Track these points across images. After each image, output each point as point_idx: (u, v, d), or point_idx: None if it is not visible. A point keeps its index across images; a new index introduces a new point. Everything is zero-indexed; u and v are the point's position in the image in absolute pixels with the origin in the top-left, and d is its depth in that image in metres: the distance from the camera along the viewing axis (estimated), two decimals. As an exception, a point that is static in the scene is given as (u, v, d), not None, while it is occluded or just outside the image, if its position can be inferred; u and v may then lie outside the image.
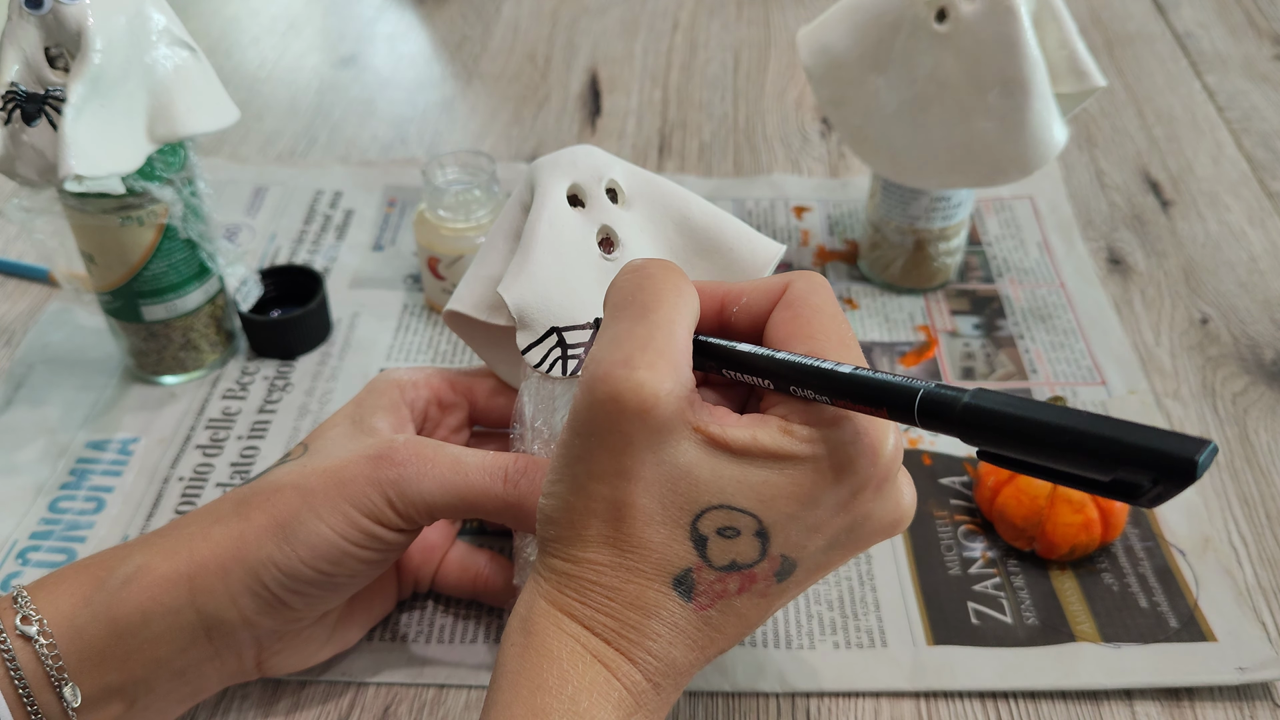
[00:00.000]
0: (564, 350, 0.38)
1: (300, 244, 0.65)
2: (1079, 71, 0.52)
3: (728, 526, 0.31)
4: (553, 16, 0.89)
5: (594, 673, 0.30)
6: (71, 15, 0.44)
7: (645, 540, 0.31)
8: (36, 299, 0.61)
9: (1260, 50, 0.82)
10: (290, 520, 0.36)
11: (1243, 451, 0.51)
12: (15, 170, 0.45)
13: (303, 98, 0.79)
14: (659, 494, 0.30)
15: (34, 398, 0.55)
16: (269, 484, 0.38)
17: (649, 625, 0.31)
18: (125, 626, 0.35)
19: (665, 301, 0.32)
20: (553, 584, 0.32)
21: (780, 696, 0.42)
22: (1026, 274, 0.62)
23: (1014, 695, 0.42)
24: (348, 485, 0.36)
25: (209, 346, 0.56)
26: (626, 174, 0.41)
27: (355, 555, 0.37)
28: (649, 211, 0.41)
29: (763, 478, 0.30)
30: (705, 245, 0.41)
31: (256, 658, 0.39)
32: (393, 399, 0.41)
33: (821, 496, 0.31)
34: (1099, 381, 0.55)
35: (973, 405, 0.27)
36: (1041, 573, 0.46)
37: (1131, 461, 0.24)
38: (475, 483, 0.37)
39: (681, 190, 0.41)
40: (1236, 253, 0.63)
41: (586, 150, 0.41)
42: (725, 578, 0.31)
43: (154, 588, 0.36)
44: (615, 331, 0.31)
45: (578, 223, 0.40)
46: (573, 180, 0.40)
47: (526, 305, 0.38)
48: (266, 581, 0.36)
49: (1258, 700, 0.41)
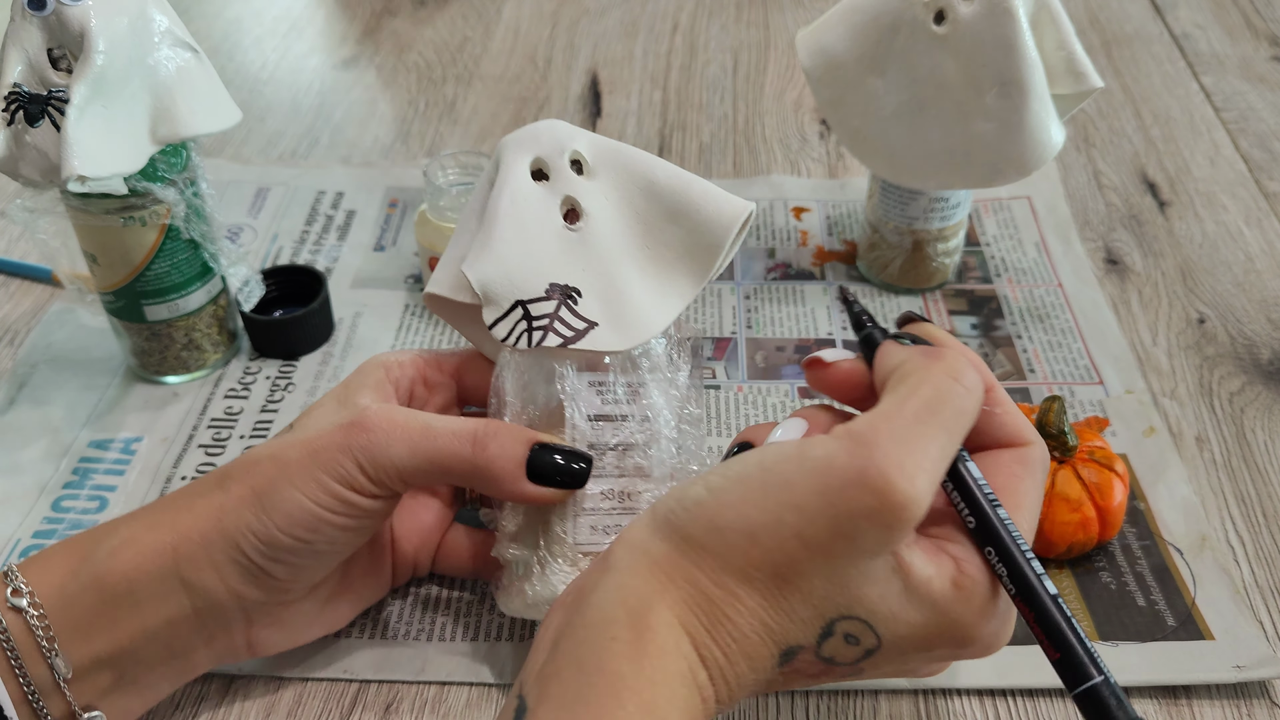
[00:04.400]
0: (529, 323, 0.39)
1: (302, 244, 0.65)
2: (1076, 73, 0.52)
3: (854, 635, 0.31)
4: (553, 18, 0.89)
5: (694, 707, 0.31)
6: (74, 17, 0.44)
7: (791, 611, 0.31)
8: (39, 299, 0.62)
9: (1257, 51, 0.82)
10: (267, 490, 0.37)
11: (1239, 450, 0.51)
12: (18, 171, 0.45)
13: (304, 99, 0.80)
14: (832, 583, 0.31)
15: (37, 397, 0.55)
16: (249, 458, 0.38)
17: (744, 672, 0.31)
18: (112, 595, 0.36)
19: (962, 433, 0.32)
20: (684, 596, 0.31)
21: (780, 694, 0.42)
22: (1024, 274, 0.62)
23: (1012, 693, 0.42)
24: (321, 454, 0.37)
25: (211, 346, 0.56)
26: (590, 144, 0.41)
27: (331, 522, 0.37)
28: (614, 179, 0.41)
29: (910, 616, 0.31)
30: (673, 209, 0.41)
31: (246, 633, 0.39)
32: (378, 378, 0.41)
33: (939, 649, 0.32)
34: (1096, 381, 0.55)
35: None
36: (1039, 571, 0.46)
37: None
38: (444, 446, 0.37)
39: (646, 156, 0.41)
40: (1233, 253, 0.63)
41: (549, 125, 0.41)
42: (817, 664, 0.32)
43: (139, 557, 0.36)
44: (915, 431, 0.30)
45: (540, 196, 0.40)
46: (535, 154, 0.40)
47: (489, 281, 0.39)
48: (246, 550, 0.37)
49: (1255, 699, 0.41)
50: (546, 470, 0.38)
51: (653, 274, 0.41)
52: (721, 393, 0.54)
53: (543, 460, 0.38)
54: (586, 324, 0.39)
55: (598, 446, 0.40)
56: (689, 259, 0.41)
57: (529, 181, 0.40)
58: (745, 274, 0.63)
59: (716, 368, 0.56)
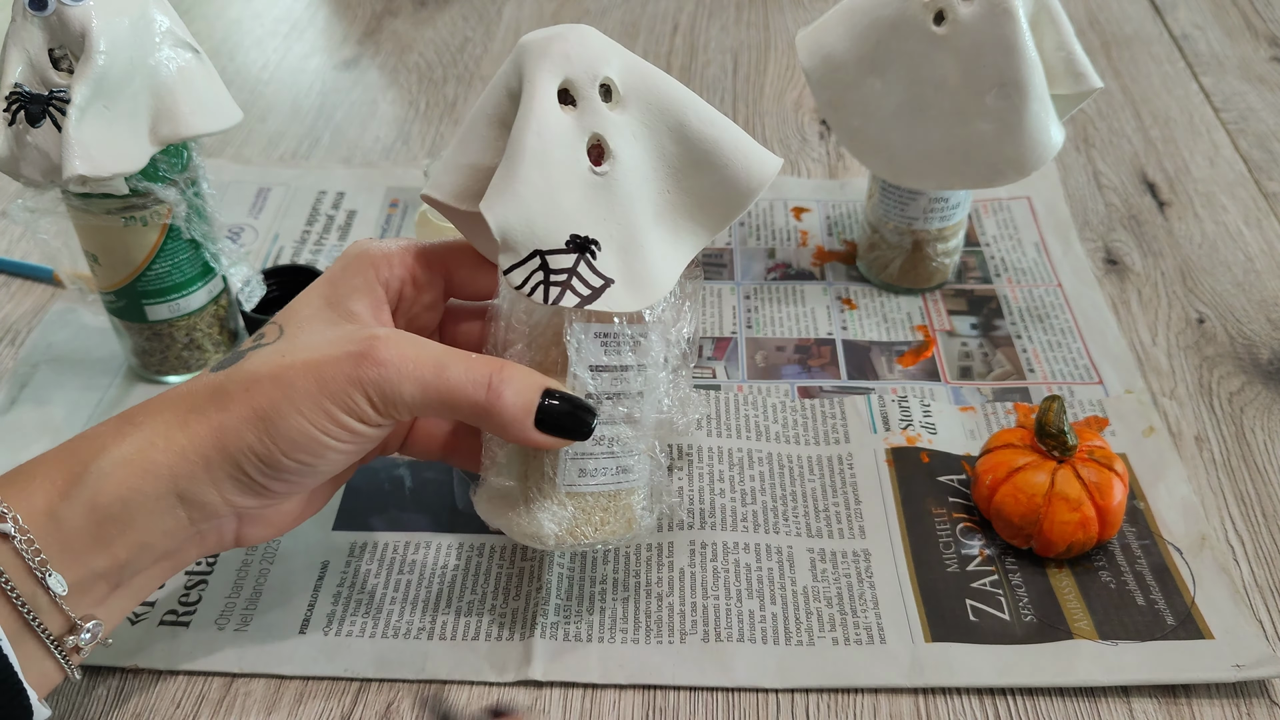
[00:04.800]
0: (546, 275, 0.37)
1: (303, 244, 0.65)
2: (1076, 73, 0.52)
3: None
4: (553, 19, 0.89)
5: None
6: (75, 17, 0.44)
7: None
8: (41, 299, 0.62)
9: (1257, 51, 0.82)
10: (270, 412, 0.36)
11: (1239, 450, 0.51)
12: (20, 171, 0.46)
13: (305, 99, 0.80)
14: None
15: (38, 397, 0.55)
16: (246, 374, 0.37)
17: None
18: (107, 515, 0.36)
19: None
20: None
21: (779, 693, 0.42)
22: (1024, 274, 0.62)
23: (1011, 692, 0.42)
24: (329, 383, 0.36)
25: (212, 346, 0.56)
26: (623, 68, 0.38)
27: (335, 449, 0.37)
28: (644, 116, 0.39)
29: None
30: (701, 157, 0.39)
31: (236, 531, 0.40)
32: (368, 279, 0.41)
33: None
34: (1096, 381, 0.55)
35: None
36: (1039, 570, 0.46)
37: None
38: (457, 389, 0.37)
39: (681, 91, 0.39)
40: (1233, 253, 0.63)
41: (580, 35, 0.38)
42: None
43: (134, 478, 0.36)
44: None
45: (567, 129, 0.38)
46: (565, 75, 0.38)
47: (510, 227, 0.37)
48: (248, 470, 0.37)
49: (1254, 698, 0.41)
50: (555, 421, 0.38)
51: (668, 222, 0.39)
52: (721, 393, 0.54)
53: (553, 410, 0.38)
54: (603, 281, 0.38)
55: (595, 395, 0.39)
56: (708, 209, 0.40)
57: (556, 110, 0.37)
58: (745, 274, 0.63)
59: (716, 367, 0.56)
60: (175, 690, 0.42)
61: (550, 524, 0.40)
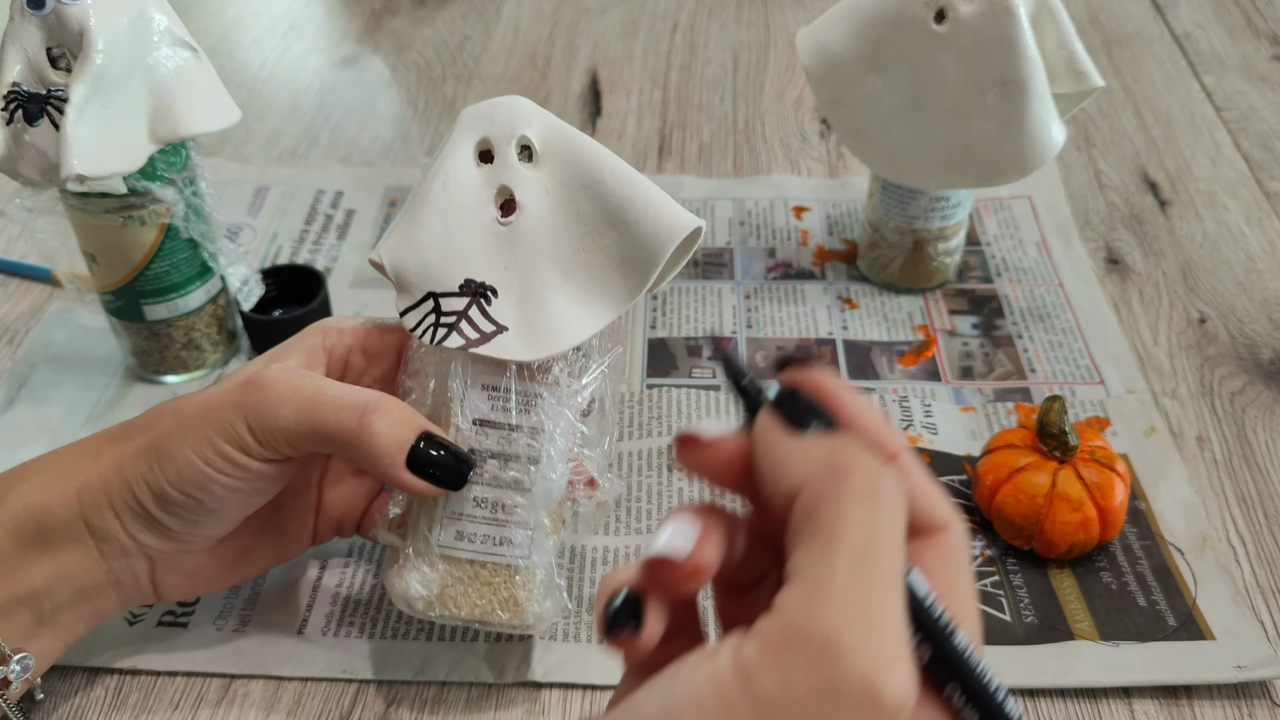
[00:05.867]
0: (438, 317, 0.38)
1: (302, 244, 0.65)
2: (1077, 72, 0.52)
3: None
4: (553, 17, 0.89)
5: None
6: (73, 16, 0.44)
7: None
8: (39, 299, 0.62)
9: (1258, 50, 0.82)
10: (163, 442, 0.37)
11: (1240, 451, 0.51)
12: (18, 170, 0.45)
13: (304, 98, 0.80)
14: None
15: (36, 397, 0.55)
16: (156, 410, 0.39)
17: None
18: (23, 537, 0.37)
19: (901, 557, 0.24)
20: None
21: (780, 694, 0.42)
22: (1025, 274, 0.62)
23: (1012, 693, 0.42)
24: (214, 411, 0.37)
25: (211, 346, 0.56)
26: (544, 130, 0.39)
27: (219, 481, 0.37)
28: (559, 173, 0.39)
29: None
30: (614, 213, 0.38)
31: (150, 577, 0.40)
32: (312, 344, 0.41)
33: None
34: (1097, 381, 0.55)
35: None
36: (1040, 571, 0.46)
37: None
38: (330, 415, 0.37)
39: (599, 151, 0.39)
40: (1234, 252, 0.63)
41: (509, 103, 0.39)
42: None
43: (47, 500, 0.37)
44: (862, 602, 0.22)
45: (477, 181, 0.38)
46: (484, 134, 0.39)
47: (404, 267, 0.38)
48: (142, 500, 0.37)
49: (1256, 699, 0.41)
50: (424, 463, 0.37)
51: (582, 281, 0.39)
52: (721, 393, 0.54)
53: (424, 452, 0.37)
54: (495, 328, 0.38)
55: (479, 452, 0.39)
56: (623, 270, 0.39)
57: (470, 164, 0.38)
58: (745, 273, 0.63)
59: (717, 368, 0.56)
60: (174, 691, 0.42)
61: (418, 585, 0.39)
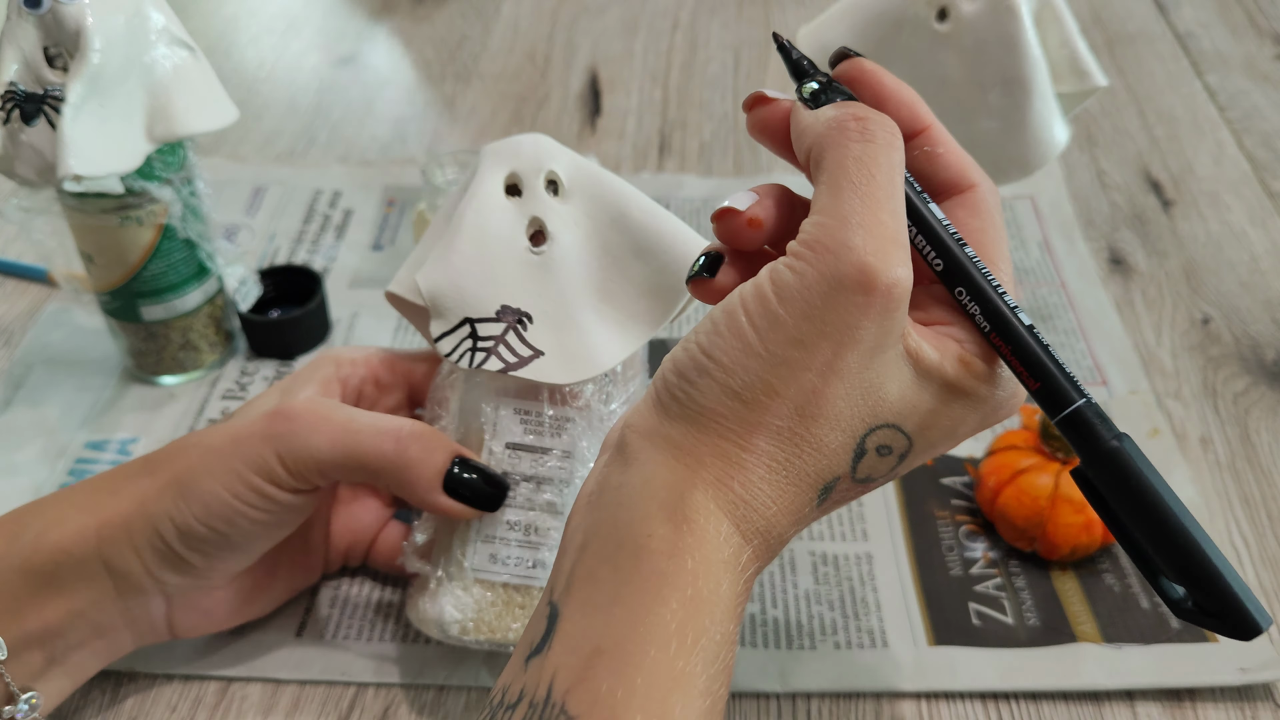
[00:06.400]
0: (475, 342, 0.38)
1: (299, 244, 0.65)
2: (1080, 71, 0.52)
3: (886, 446, 0.30)
4: (553, 16, 0.89)
5: (738, 589, 0.29)
6: (70, 15, 0.44)
7: (822, 443, 0.29)
8: (35, 299, 0.61)
9: (1261, 50, 0.82)
10: (187, 477, 0.37)
11: (1244, 452, 0.51)
12: (14, 170, 0.45)
13: (302, 97, 0.79)
14: (855, 399, 0.29)
15: (33, 398, 0.55)
16: (178, 444, 0.38)
17: (786, 528, 0.30)
18: (39, 576, 0.37)
19: (900, 183, 0.30)
20: (717, 475, 0.29)
21: (781, 697, 0.42)
22: (1027, 274, 0.62)
23: (1015, 696, 0.42)
24: (243, 443, 0.37)
25: (208, 347, 0.55)
26: (570, 166, 0.40)
27: (247, 515, 0.37)
28: (587, 207, 0.40)
29: (931, 405, 0.30)
30: (641, 245, 0.40)
31: (167, 616, 0.39)
32: (326, 374, 0.41)
33: (962, 429, 0.31)
34: (1100, 382, 0.55)
35: (1119, 453, 0.28)
36: (1043, 573, 0.45)
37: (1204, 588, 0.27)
38: (366, 442, 0.37)
39: (624, 187, 0.40)
40: (1238, 252, 0.63)
41: (534, 140, 0.40)
42: (854, 488, 0.31)
43: (64, 539, 0.37)
44: (860, 211, 0.28)
45: (508, 212, 0.39)
46: (512, 169, 0.39)
47: (440, 293, 0.38)
48: (166, 537, 0.37)
49: (1259, 701, 0.41)
50: (461, 487, 0.38)
51: (611, 310, 0.40)
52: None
53: (459, 476, 0.38)
54: (532, 352, 0.38)
55: (512, 475, 0.39)
56: (650, 298, 0.40)
57: (500, 195, 0.39)
58: (746, 273, 0.62)
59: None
60: (171, 694, 0.42)
61: (452, 610, 0.39)
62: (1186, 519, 0.28)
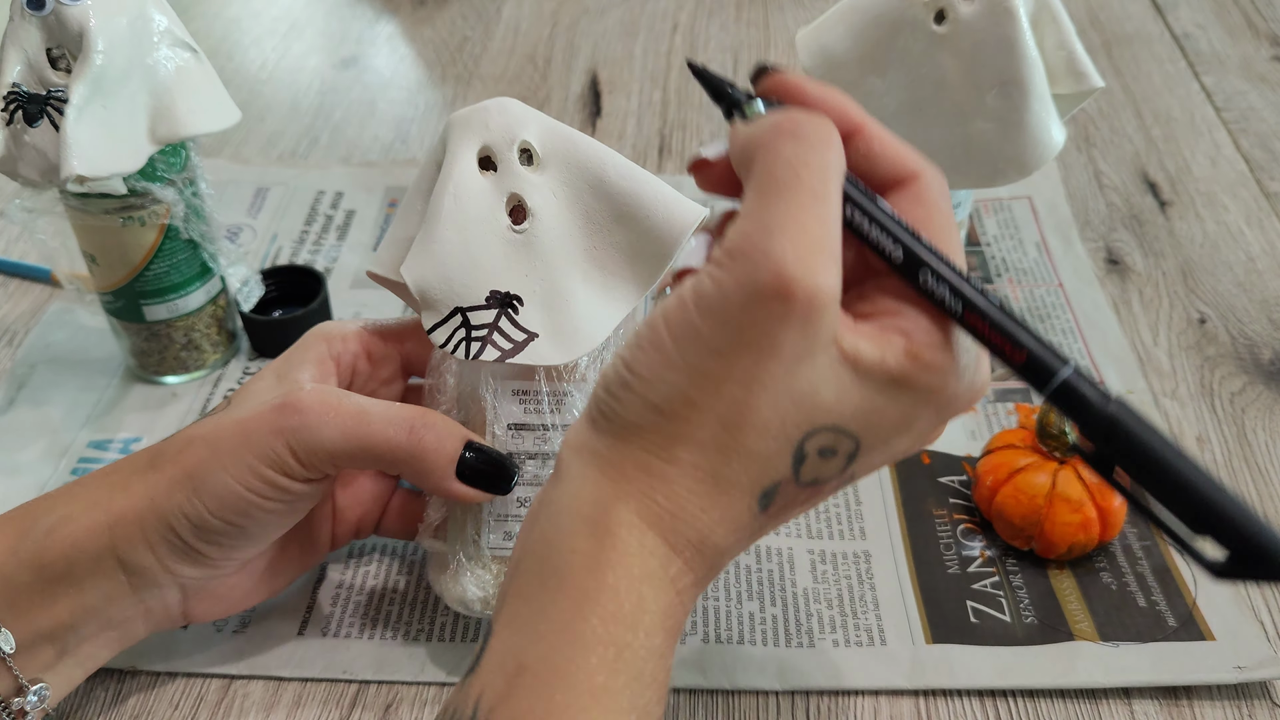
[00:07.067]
0: (468, 331, 0.38)
1: (302, 244, 0.65)
2: (1077, 72, 0.52)
3: (829, 448, 0.29)
4: (553, 18, 0.89)
5: (668, 601, 0.29)
6: (73, 16, 0.44)
7: (753, 451, 0.28)
8: (38, 299, 0.62)
9: (1258, 51, 0.82)
10: (198, 472, 0.37)
11: (1240, 451, 0.51)
12: (17, 171, 0.45)
13: (304, 99, 0.80)
14: (784, 406, 0.28)
15: (36, 398, 0.55)
16: (183, 436, 0.38)
17: (723, 538, 0.29)
18: (51, 573, 0.36)
19: (832, 184, 0.28)
20: (642, 488, 0.29)
21: (779, 695, 0.42)
22: (1025, 274, 0.62)
23: (1012, 694, 0.42)
24: (252, 435, 0.36)
25: (211, 346, 0.56)
26: (542, 132, 0.39)
27: (261, 507, 0.37)
28: (564, 175, 0.39)
29: (876, 403, 0.29)
30: (622, 210, 0.39)
31: (182, 605, 0.39)
32: (319, 353, 0.41)
33: (918, 423, 0.30)
34: (1097, 381, 0.55)
35: (1117, 417, 0.28)
36: (1040, 572, 0.46)
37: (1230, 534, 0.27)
38: (378, 432, 0.37)
39: (600, 150, 0.39)
40: (1234, 253, 0.63)
41: (500, 106, 0.39)
42: (801, 491, 0.30)
43: (76, 535, 0.37)
44: (782, 216, 0.28)
45: (486, 191, 0.38)
46: (483, 141, 0.38)
47: (428, 285, 0.38)
48: (180, 531, 0.37)
49: (1256, 699, 0.41)
50: (473, 471, 0.38)
51: (597, 279, 0.39)
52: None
53: (471, 461, 0.38)
54: (526, 335, 0.38)
55: (517, 455, 0.40)
56: (635, 264, 0.39)
57: (474, 174, 0.38)
58: (745, 274, 0.63)
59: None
60: (173, 692, 0.42)
61: (474, 588, 0.40)
62: (1197, 469, 0.27)
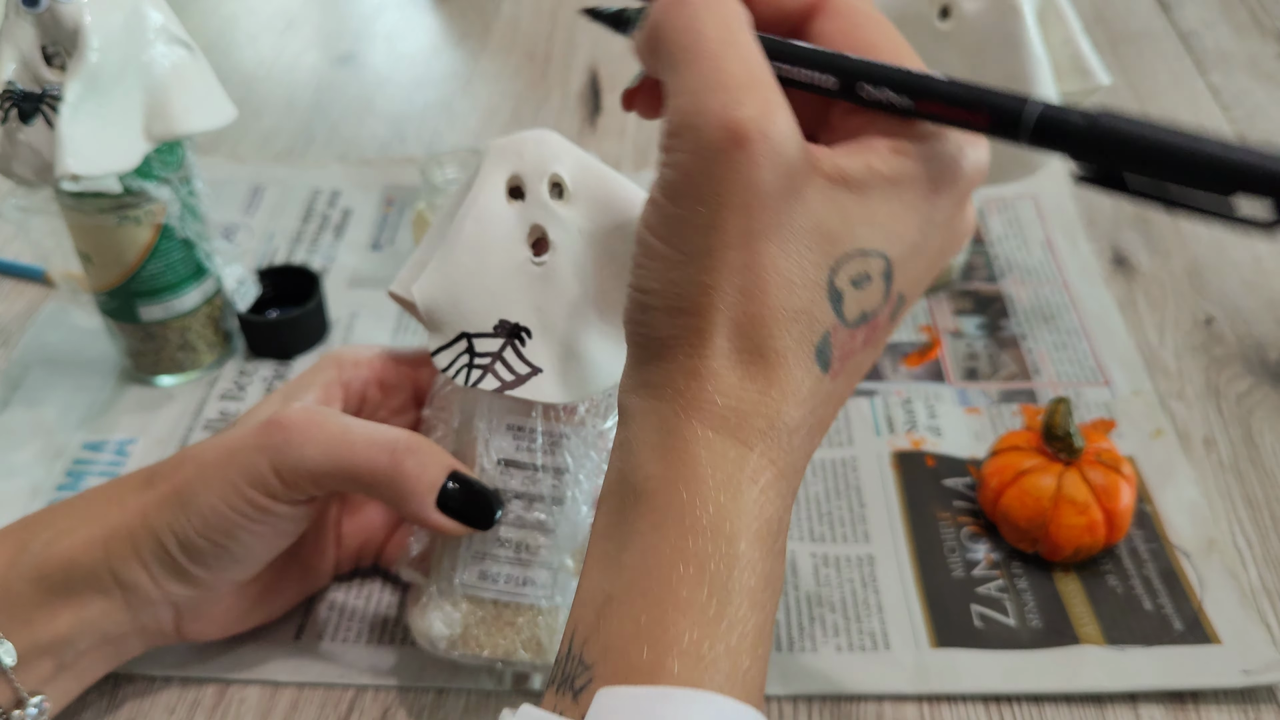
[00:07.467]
0: (471, 357, 0.37)
1: (298, 243, 0.65)
2: (1083, 69, 0.52)
3: (861, 274, 0.28)
4: (552, 15, 0.88)
5: (747, 500, 0.28)
6: (68, 13, 0.43)
7: (786, 309, 0.27)
8: (33, 299, 0.61)
9: (1265, 49, 0.81)
10: (186, 490, 0.36)
11: (1247, 453, 0.51)
12: (11, 169, 0.45)
13: (300, 96, 0.79)
14: (796, 249, 0.27)
15: (30, 399, 0.54)
16: (179, 455, 0.38)
17: (787, 411, 0.28)
18: (50, 585, 0.36)
19: (735, 27, 0.28)
20: (696, 394, 0.28)
21: (782, 699, 0.41)
22: (1030, 274, 0.62)
23: (1017, 698, 0.41)
24: (237, 454, 0.36)
25: (206, 347, 0.55)
26: (575, 167, 0.38)
27: (245, 527, 0.36)
28: (591, 212, 0.38)
29: (884, 211, 0.28)
30: None
31: (175, 623, 0.39)
32: (328, 378, 0.41)
33: (934, 216, 0.29)
34: (1103, 382, 0.54)
35: (1104, 124, 0.26)
36: (1045, 575, 0.45)
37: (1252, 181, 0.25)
38: (360, 453, 0.36)
39: (629, 190, 0.38)
40: (1241, 253, 0.63)
41: (539, 137, 0.38)
42: (855, 333, 0.29)
43: (74, 549, 0.37)
44: (699, 77, 0.27)
45: (510, 219, 0.38)
46: (515, 170, 0.38)
47: (437, 306, 0.37)
48: (169, 549, 0.37)
49: (1263, 703, 0.41)
50: (454, 503, 0.37)
51: (612, 322, 0.38)
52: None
53: (454, 492, 0.37)
54: (530, 369, 0.37)
55: (504, 492, 0.39)
56: None
57: (501, 201, 0.38)
58: (747, 273, 0.62)
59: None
60: (169, 697, 0.42)
61: (441, 624, 0.39)
62: (1200, 136, 0.25)
